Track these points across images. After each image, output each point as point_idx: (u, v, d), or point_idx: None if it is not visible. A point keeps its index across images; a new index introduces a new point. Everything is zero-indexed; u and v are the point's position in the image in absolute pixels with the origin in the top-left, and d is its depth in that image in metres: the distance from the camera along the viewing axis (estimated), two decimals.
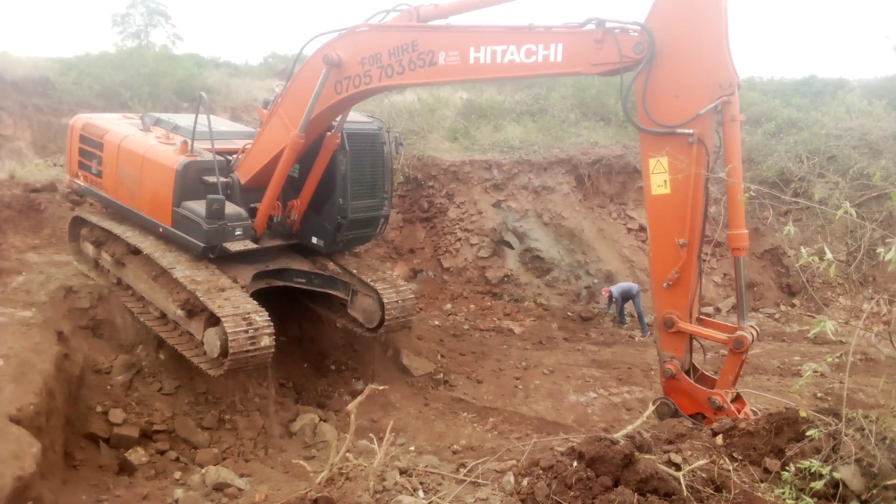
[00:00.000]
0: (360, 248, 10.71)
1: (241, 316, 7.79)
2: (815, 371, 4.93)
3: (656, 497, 3.93)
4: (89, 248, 10.26)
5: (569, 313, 13.64)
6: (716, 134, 6.05)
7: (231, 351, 7.55)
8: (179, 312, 8.37)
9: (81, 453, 7.57)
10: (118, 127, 10.08)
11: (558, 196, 14.48)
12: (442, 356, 11.56)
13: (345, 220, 9.34)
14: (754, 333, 6.12)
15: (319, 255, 10.02)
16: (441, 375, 10.84)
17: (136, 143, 9.45)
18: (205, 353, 8.07)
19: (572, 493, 3.93)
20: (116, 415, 8.03)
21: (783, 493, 4.30)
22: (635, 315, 12.90)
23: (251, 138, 9.41)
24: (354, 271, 9.80)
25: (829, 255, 4.10)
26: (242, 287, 8.61)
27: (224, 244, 8.56)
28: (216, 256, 8.72)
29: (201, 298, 8.01)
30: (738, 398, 6.36)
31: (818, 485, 4.21)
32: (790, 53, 54.64)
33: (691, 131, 5.75)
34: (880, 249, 3.99)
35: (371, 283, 9.53)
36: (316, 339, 10.94)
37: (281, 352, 10.53)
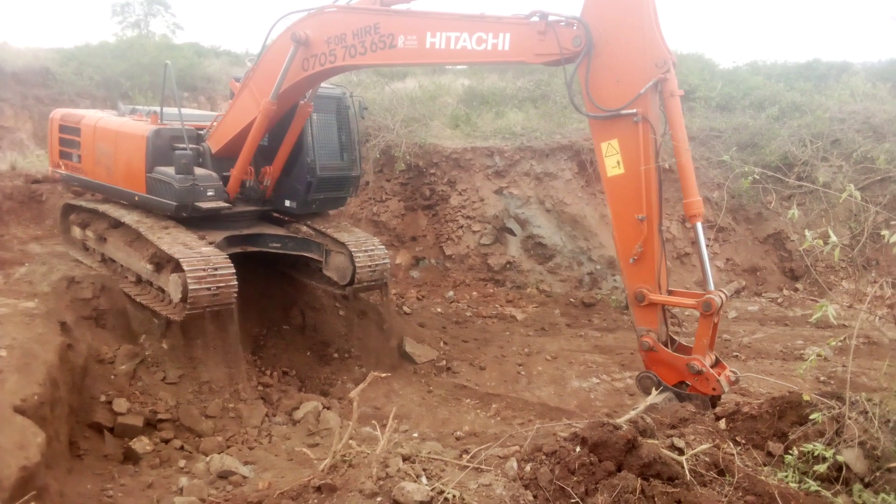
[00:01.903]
0: (333, 211, 11.00)
1: (200, 257, 8.20)
2: (819, 355, 4.93)
3: (659, 481, 3.93)
4: (77, 232, 10.63)
5: (571, 299, 13.63)
6: (661, 113, 6.32)
7: (191, 289, 7.90)
8: (149, 267, 8.76)
9: (86, 443, 7.58)
10: (94, 113, 10.76)
11: (560, 182, 14.42)
12: (444, 343, 11.57)
13: (314, 179, 9.63)
14: (723, 296, 6.27)
15: (293, 221, 10.37)
16: (444, 362, 10.86)
17: (110, 122, 10.09)
18: (170, 301, 8.45)
19: (575, 479, 3.94)
20: (120, 404, 8.03)
21: (786, 477, 4.30)
22: None
23: None
24: (326, 231, 10.02)
25: (833, 238, 4.09)
26: (211, 243, 8.86)
27: (196, 203, 8.85)
28: (189, 216, 9.01)
29: (143, 233, 8.65)
30: (717, 363, 6.47)
31: (821, 468, 4.22)
32: (793, 37, 54.23)
33: (635, 111, 6.06)
34: (884, 232, 3.98)
35: (341, 240, 9.74)
36: (318, 327, 10.95)
37: (283, 340, 10.61)
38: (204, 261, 8.22)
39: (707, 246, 13.87)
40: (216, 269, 8.23)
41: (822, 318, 4.12)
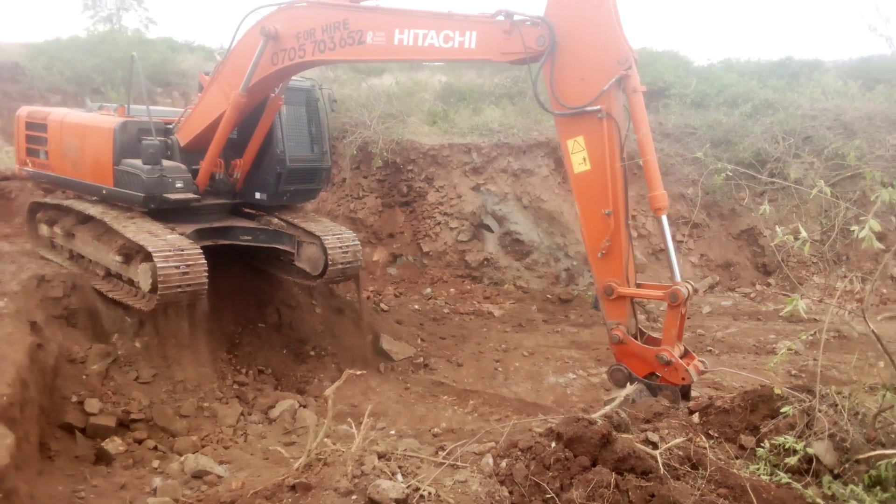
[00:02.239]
0: (310, 206, 11.15)
1: (166, 244, 8.24)
2: (790, 349, 5.01)
3: (633, 475, 3.96)
4: (45, 229, 10.52)
5: (548, 296, 13.68)
6: (625, 109, 6.46)
7: (160, 275, 7.90)
8: (118, 259, 8.72)
9: (57, 444, 7.44)
10: (61, 109, 10.89)
11: (537, 179, 14.46)
12: (422, 340, 11.56)
13: (284, 170, 9.67)
14: (690, 288, 6.41)
15: (264, 213, 10.38)
16: (421, 359, 10.85)
17: (77, 116, 10.14)
18: (141, 291, 8.47)
19: (551, 474, 3.96)
20: (92, 404, 7.90)
21: (758, 469, 4.36)
22: None
23: None
24: (297, 223, 10.05)
25: (803, 234, 4.14)
26: (181, 235, 8.84)
27: (164, 195, 8.82)
28: (157, 208, 8.97)
29: (108, 223, 8.71)
30: (686, 353, 6.60)
31: (792, 460, 4.29)
32: (766, 35, 54.91)
33: (599, 107, 6.21)
34: (854, 228, 4.04)
35: (313, 231, 9.76)
36: (295, 325, 10.88)
37: (259, 338, 10.52)
38: (170, 246, 8.22)
39: (681, 242, 14.12)
40: (182, 250, 8.24)
41: (794, 312, 4.18)
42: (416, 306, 13.12)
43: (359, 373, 5.51)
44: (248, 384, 9.49)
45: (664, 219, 6.48)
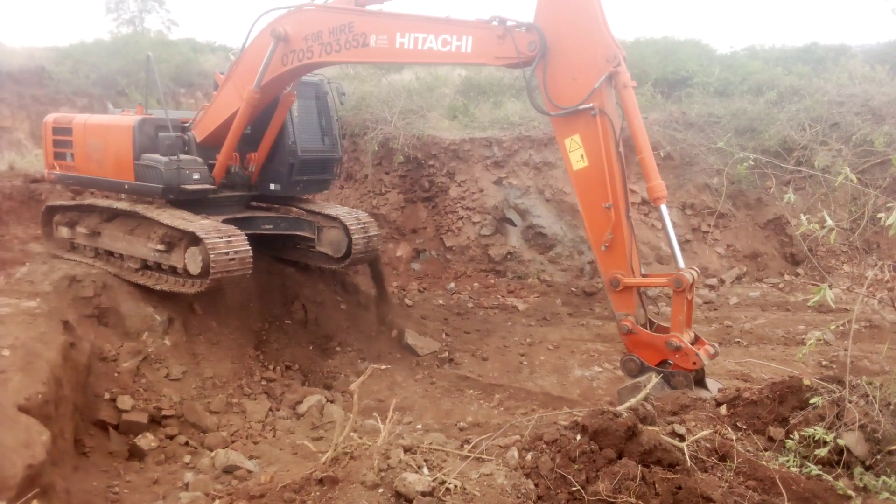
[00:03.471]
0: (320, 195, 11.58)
1: (210, 227, 8.74)
2: (819, 339, 4.95)
3: (660, 468, 3.95)
4: (64, 231, 10.88)
5: (573, 289, 13.62)
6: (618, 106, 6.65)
7: (212, 257, 8.32)
8: (160, 247, 9.07)
9: (91, 440, 7.61)
10: (84, 113, 11.57)
11: (559, 172, 14.38)
12: (447, 335, 11.59)
13: (296, 161, 10.10)
14: (694, 274, 6.50)
15: (281, 205, 10.86)
16: (446, 354, 10.87)
17: (100, 118, 10.79)
18: (189, 274, 8.82)
19: (576, 467, 3.96)
20: (124, 401, 8.04)
21: (788, 461, 4.33)
22: None
23: None
24: (316, 210, 10.53)
25: (829, 222, 4.10)
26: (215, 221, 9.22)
27: (182, 186, 9.24)
28: (176, 199, 9.38)
29: (144, 214, 9.20)
30: (697, 339, 6.65)
31: (822, 452, 4.24)
32: (791, 20, 53.99)
33: (592, 105, 6.40)
34: (881, 215, 3.99)
35: (334, 215, 10.22)
36: (320, 321, 10.97)
37: (286, 335, 10.64)
38: (215, 229, 8.69)
39: (707, 232, 13.97)
40: (226, 232, 8.71)
41: (823, 302, 4.14)
42: (441, 301, 13.16)
43: (383, 367, 5.57)
44: (275, 380, 9.60)
45: (663, 208, 6.62)
